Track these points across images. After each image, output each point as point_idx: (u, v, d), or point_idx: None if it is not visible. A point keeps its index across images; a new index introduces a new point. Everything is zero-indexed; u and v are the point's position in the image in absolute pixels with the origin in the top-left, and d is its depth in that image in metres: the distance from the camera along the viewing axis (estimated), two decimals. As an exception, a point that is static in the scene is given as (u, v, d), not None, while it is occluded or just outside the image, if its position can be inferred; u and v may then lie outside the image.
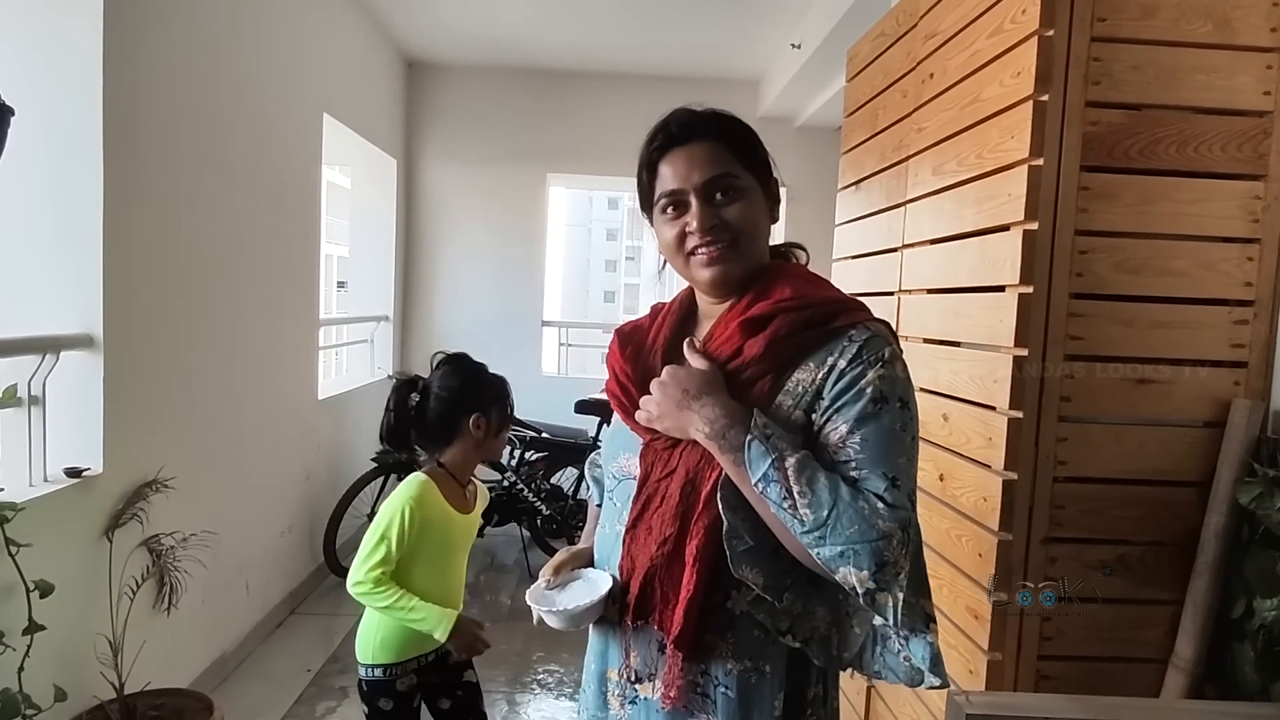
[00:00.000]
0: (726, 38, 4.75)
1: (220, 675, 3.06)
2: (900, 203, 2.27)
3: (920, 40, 2.17)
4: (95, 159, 2.25)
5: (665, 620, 1.04)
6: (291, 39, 3.60)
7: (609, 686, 1.14)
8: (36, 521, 1.94)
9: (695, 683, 1.06)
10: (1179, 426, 1.68)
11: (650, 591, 1.06)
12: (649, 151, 1.13)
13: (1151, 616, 1.68)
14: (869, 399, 1.00)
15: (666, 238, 1.12)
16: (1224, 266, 1.65)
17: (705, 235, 1.08)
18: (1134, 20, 1.62)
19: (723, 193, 1.09)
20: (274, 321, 3.53)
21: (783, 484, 0.95)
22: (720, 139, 1.11)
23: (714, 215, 1.08)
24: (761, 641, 1.05)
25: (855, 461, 0.99)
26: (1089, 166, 1.63)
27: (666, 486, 1.07)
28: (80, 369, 2.28)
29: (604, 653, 1.16)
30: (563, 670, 3.30)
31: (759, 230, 1.13)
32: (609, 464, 1.21)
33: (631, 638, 1.10)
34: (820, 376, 1.03)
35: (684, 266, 1.13)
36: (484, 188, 5.62)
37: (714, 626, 1.05)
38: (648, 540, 1.07)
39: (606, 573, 1.15)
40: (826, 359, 1.04)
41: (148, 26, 2.48)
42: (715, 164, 1.09)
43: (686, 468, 1.06)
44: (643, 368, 1.17)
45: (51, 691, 1.96)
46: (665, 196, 1.11)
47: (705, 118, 1.12)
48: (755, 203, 1.12)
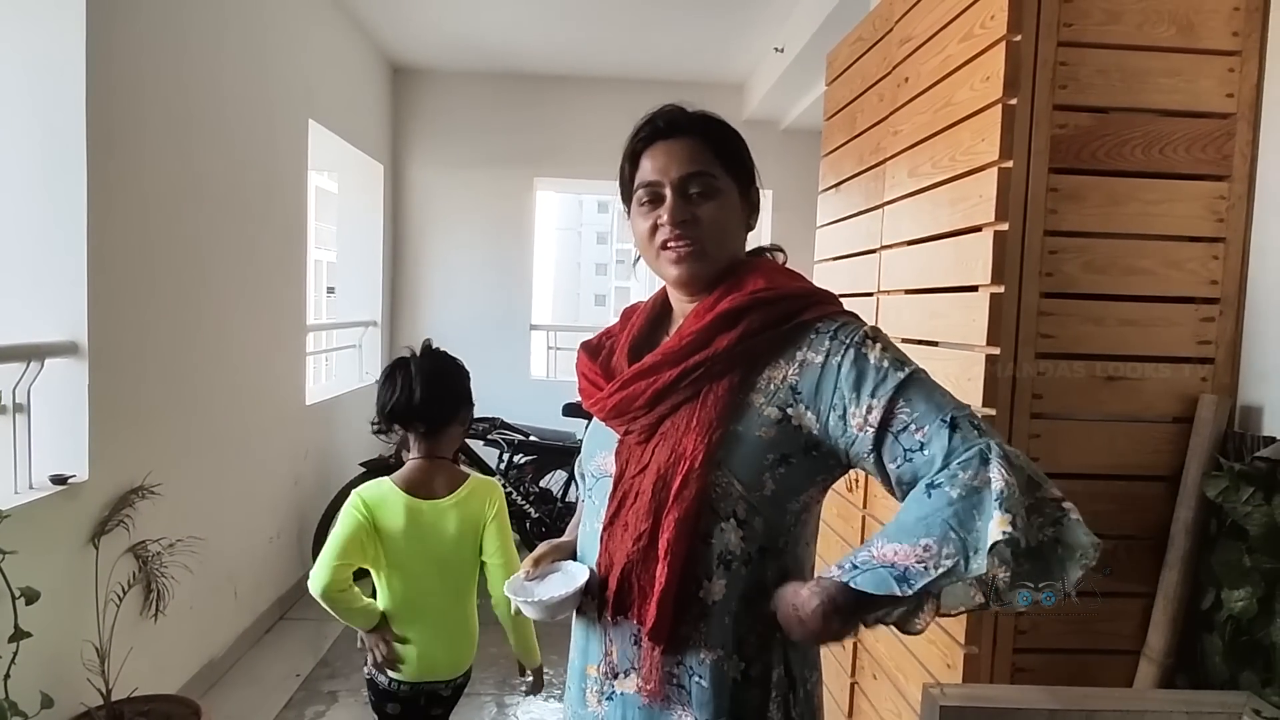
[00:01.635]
0: (711, 41, 4.78)
1: (208, 681, 3.07)
2: (878, 205, 2.30)
3: (896, 45, 2.20)
4: (79, 166, 2.26)
5: (642, 613, 1.06)
6: (276, 45, 3.61)
7: (588, 683, 1.16)
8: (22, 528, 1.95)
9: (671, 674, 1.08)
10: (1148, 422, 1.71)
11: (627, 586, 1.07)
12: (633, 143, 1.15)
13: (1124, 609, 1.72)
14: (891, 369, 1.01)
15: (640, 229, 1.14)
16: (1190, 265, 1.69)
17: (675, 229, 1.10)
18: (1099, 25, 1.66)
19: (699, 190, 1.10)
20: (261, 327, 3.54)
21: (917, 569, 0.92)
22: (704, 138, 1.12)
23: (686, 210, 1.10)
24: (733, 630, 1.07)
25: (914, 424, 0.98)
26: (1057, 168, 1.66)
27: (639, 483, 1.08)
28: (65, 376, 2.28)
29: (585, 649, 1.17)
30: (552, 672, 3.30)
31: (729, 233, 1.14)
32: (588, 463, 1.23)
33: (611, 633, 1.11)
34: (791, 373, 1.06)
35: (654, 259, 1.15)
36: (471, 192, 5.64)
37: (688, 618, 1.06)
38: (624, 536, 1.08)
39: (584, 566, 1.17)
40: (795, 354, 1.06)
41: (131, 33, 2.49)
42: (694, 161, 1.10)
43: (658, 465, 1.07)
44: (609, 365, 1.19)
45: (38, 698, 1.96)
46: (642, 187, 1.13)
47: (692, 116, 1.14)
48: (729, 205, 1.13)
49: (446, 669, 1.88)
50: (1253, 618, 1.51)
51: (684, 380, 1.07)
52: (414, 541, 1.80)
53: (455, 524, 1.82)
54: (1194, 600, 1.65)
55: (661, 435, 1.08)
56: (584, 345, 1.27)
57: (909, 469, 0.99)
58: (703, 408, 1.06)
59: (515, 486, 4.43)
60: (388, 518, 1.79)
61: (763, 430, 1.05)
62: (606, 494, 1.14)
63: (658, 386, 1.08)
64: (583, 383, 1.21)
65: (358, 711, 2.94)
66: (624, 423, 1.13)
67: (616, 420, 1.14)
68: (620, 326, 1.27)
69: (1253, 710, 1.42)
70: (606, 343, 1.25)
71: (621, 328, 1.26)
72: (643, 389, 1.10)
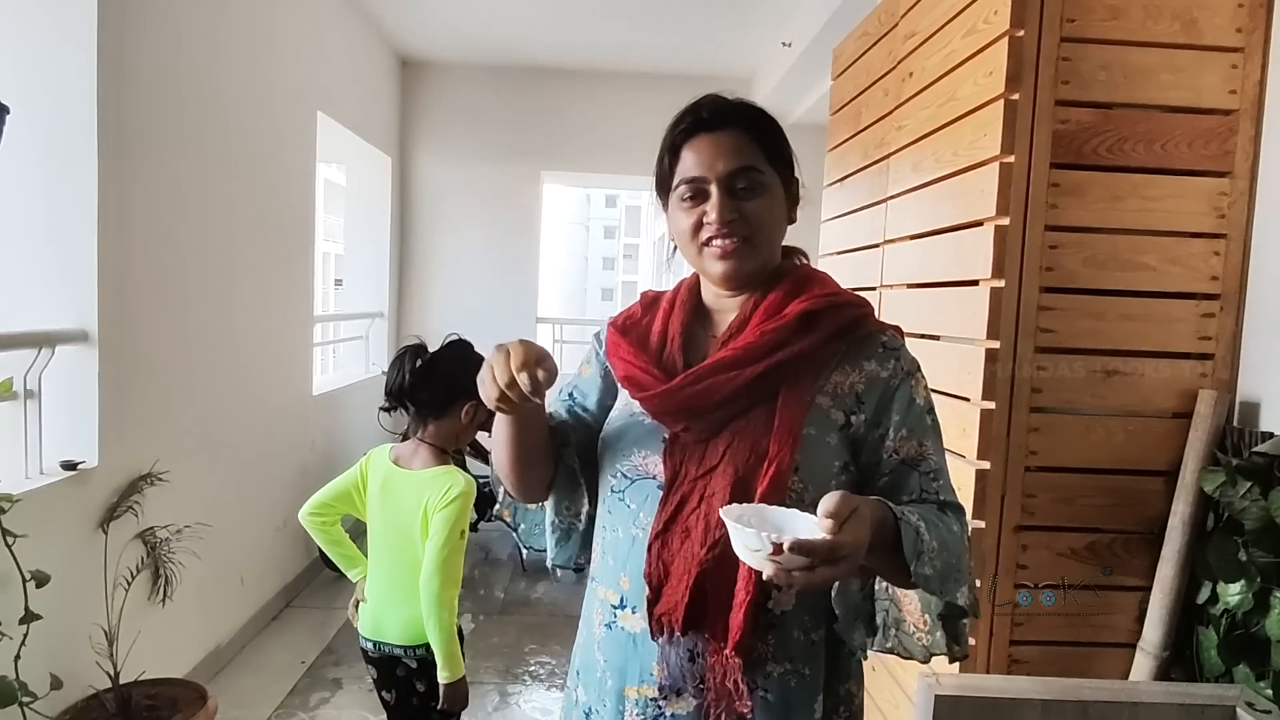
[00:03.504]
0: (718, 35, 4.78)
1: (215, 667, 3.10)
2: (882, 199, 2.31)
3: (900, 40, 2.21)
4: (90, 155, 2.28)
5: (718, 627, 0.97)
6: (286, 37, 3.63)
7: (627, 705, 1.05)
8: (33, 513, 1.98)
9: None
10: (1147, 417, 1.72)
11: (700, 597, 0.98)
12: (674, 134, 1.09)
13: (1120, 602, 1.73)
14: (924, 411, 1.05)
15: (681, 225, 1.08)
16: (1191, 261, 1.70)
17: (722, 227, 1.04)
18: (1102, 21, 1.66)
19: (745, 186, 1.05)
20: (269, 317, 3.57)
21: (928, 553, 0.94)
22: (749, 130, 1.07)
23: (734, 208, 1.04)
24: (801, 643, 1.02)
25: (934, 472, 1.04)
26: (1059, 164, 1.67)
27: (706, 485, 1.00)
28: (75, 363, 2.31)
29: (622, 668, 1.06)
30: (554, 662, 3.34)
31: (776, 228, 1.10)
32: (617, 462, 1.10)
33: (660, 650, 1.01)
34: (856, 379, 1.05)
35: (696, 256, 1.09)
36: (478, 185, 5.66)
37: (756, 629, 0.99)
38: (686, 544, 0.99)
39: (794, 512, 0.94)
40: (861, 363, 1.05)
41: (142, 24, 2.51)
42: (741, 155, 1.05)
43: (735, 465, 0.99)
44: (659, 358, 1.10)
45: (48, 680, 1.99)
46: (685, 183, 1.06)
47: (737, 107, 1.08)
48: (776, 200, 1.08)
49: (396, 634, 1.93)
50: (1248, 611, 1.52)
51: (765, 379, 1.01)
52: (381, 503, 1.95)
53: (412, 498, 1.90)
54: (1190, 594, 1.66)
55: (733, 434, 1.01)
56: (615, 325, 1.17)
57: (919, 499, 1.04)
58: (784, 408, 1.01)
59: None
60: (373, 475, 1.97)
61: (830, 435, 1.02)
62: (647, 497, 1.05)
63: (739, 383, 1.01)
64: (628, 369, 1.10)
65: (362, 698, 2.97)
66: (685, 419, 1.03)
67: (677, 417, 1.04)
68: (644, 312, 1.18)
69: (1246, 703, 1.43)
70: (632, 327, 1.16)
71: (645, 313, 1.17)
72: (721, 384, 1.01)
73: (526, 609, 3.90)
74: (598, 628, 1.09)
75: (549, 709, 3.03)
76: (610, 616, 1.07)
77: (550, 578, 4.26)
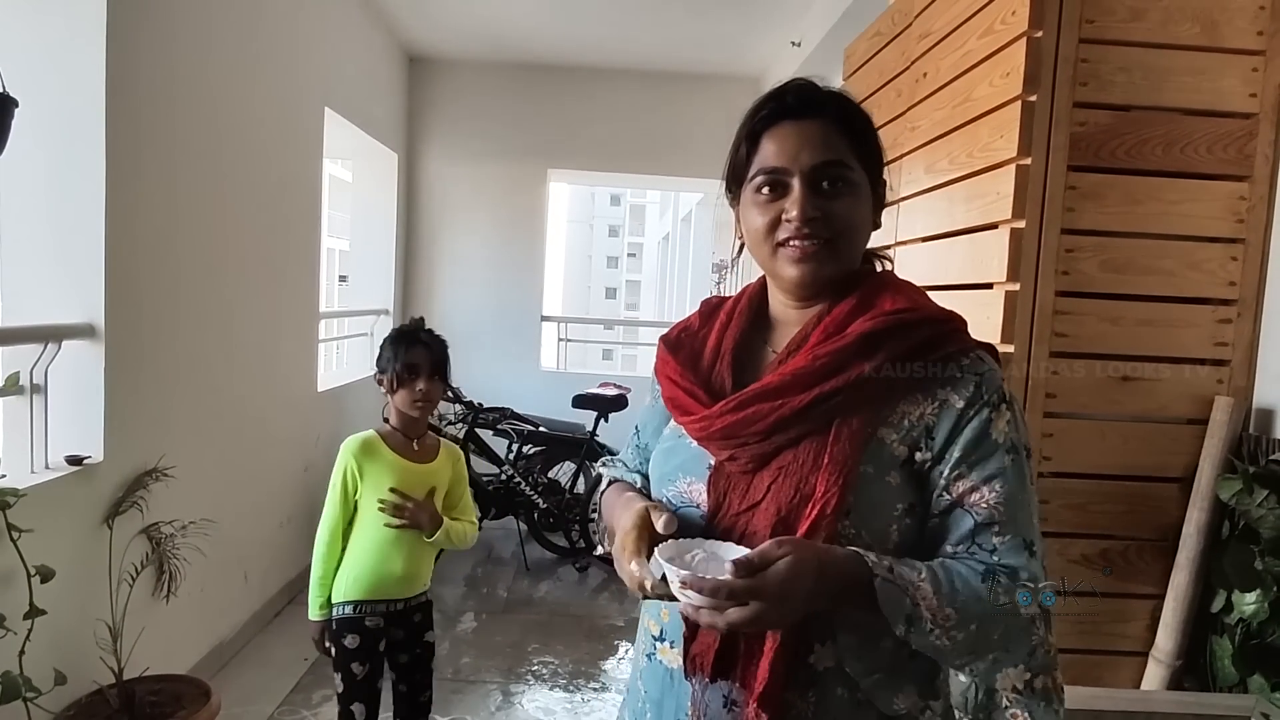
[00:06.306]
0: (727, 34, 4.76)
1: (218, 663, 3.09)
2: (894, 201, 2.29)
3: (914, 40, 2.19)
4: (98, 150, 2.28)
5: (747, 675, 0.90)
6: (293, 33, 3.62)
7: None
8: (38, 508, 1.97)
9: None
10: (1162, 423, 1.70)
11: (731, 641, 0.91)
12: (754, 120, 0.98)
13: (1133, 610, 1.71)
14: (1002, 449, 0.90)
15: (755, 222, 0.97)
16: (1209, 266, 1.68)
17: (803, 226, 0.93)
18: (1122, 22, 1.64)
19: (831, 183, 0.94)
20: (274, 313, 3.56)
21: (927, 620, 0.84)
22: (841, 123, 0.96)
23: (817, 206, 0.93)
24: (846, 702, 0.92)
25: (998, 525, 0.89)
26: (1076, 166, 1.65)
27: (749, 521, 0.92)
28: (82, 358, 2.30)
29: (660, 702, 1.00)
30: (557, 662, 3.33)
31: (860, 233, 0.98)
32: (664, 486, 1.03)
33: (698, 693, 0.94)
34: (929, 411, 0.92)
35: (768, 257, 0.98)
36: (485, 183, 5.65)
37: (794, 684, 0.91)
38: None
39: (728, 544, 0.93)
40: (937, 391, 0.92)
41: (150, 19, 2.50)
42: (829, 148, 0.94)
43: (779, 504, 0.91)
44: (708, 377, 1.02)
45: (52, 675, 1.98)
46: (764, 174, 0.95)
47: (829, 95, 0.98)
48: (863, 201, 0.97)
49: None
50: (1263, 621, 1.51)
51: (815, 409, 0.91)
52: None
53: None
54: (1204, 603, 1.65)
55: (780, 468, 0.92)
56: (665, 341, 1.09)
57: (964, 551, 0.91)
58: (836, 443, 0.90)
59: (524, 477, 4.44)
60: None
61: (892, 474, 0.91)
62: (692, 527, 0.97)
63: (784, 413, 0.91)
64: (671, 390, 1.03)
65: (365, 696, 2.97)
66: (729, 447, 0.95)
67: (720, 444, 0.96)
68: (701, 323, 1.09)
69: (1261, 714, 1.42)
70: (686, 341, 1.07)
71: (703, 324, 1.09)
72: (765, 413, 0.92)
73: (529, 608, 3.88)
74: (641, 656, 1.04)
75: (551, 708, 3.02)
76: (650, 647, 1.02)
77: (552, 577, 4.27)
